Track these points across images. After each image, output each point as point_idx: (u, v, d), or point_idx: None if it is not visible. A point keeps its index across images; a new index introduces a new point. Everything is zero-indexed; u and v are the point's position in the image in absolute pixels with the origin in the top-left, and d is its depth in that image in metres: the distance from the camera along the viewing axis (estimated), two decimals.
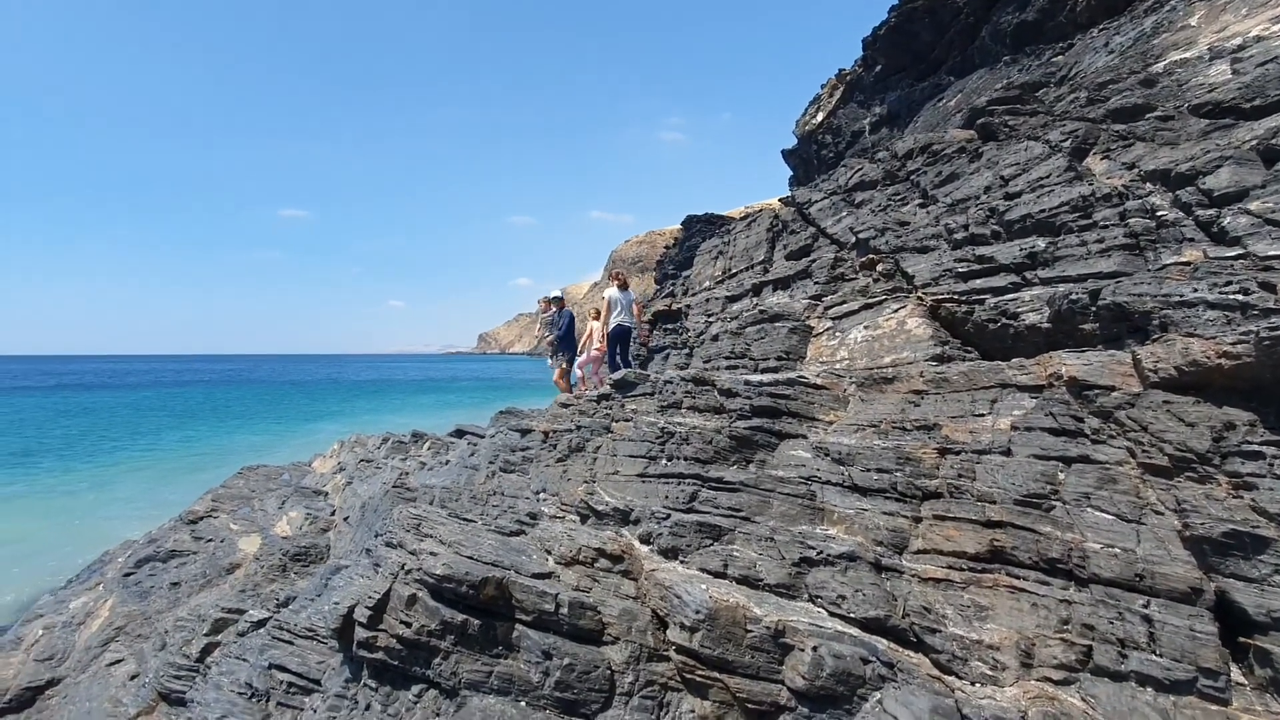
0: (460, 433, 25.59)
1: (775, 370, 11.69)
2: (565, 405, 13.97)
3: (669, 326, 21.07)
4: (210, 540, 17.28)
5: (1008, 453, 7.09)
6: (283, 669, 7.35)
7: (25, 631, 14.44)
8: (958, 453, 7.34)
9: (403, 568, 6.44)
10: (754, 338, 13.38)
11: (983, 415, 7.69)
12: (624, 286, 15.48)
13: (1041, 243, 10.36)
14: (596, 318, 15.84)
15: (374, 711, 5.98)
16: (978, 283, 10.52)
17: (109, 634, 13.68)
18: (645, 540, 7.88)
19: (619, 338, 15.27)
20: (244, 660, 7.96)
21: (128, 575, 15.75)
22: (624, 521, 8.31)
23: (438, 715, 5.96)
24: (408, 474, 19.70)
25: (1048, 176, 11.55)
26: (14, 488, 42.96)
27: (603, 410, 11.55)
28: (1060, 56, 18.10)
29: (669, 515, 7.77)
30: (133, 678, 11.85)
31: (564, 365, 16.39)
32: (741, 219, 23.08)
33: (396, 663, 6.16)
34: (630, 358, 15.90)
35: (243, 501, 20.74)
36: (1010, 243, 10.74)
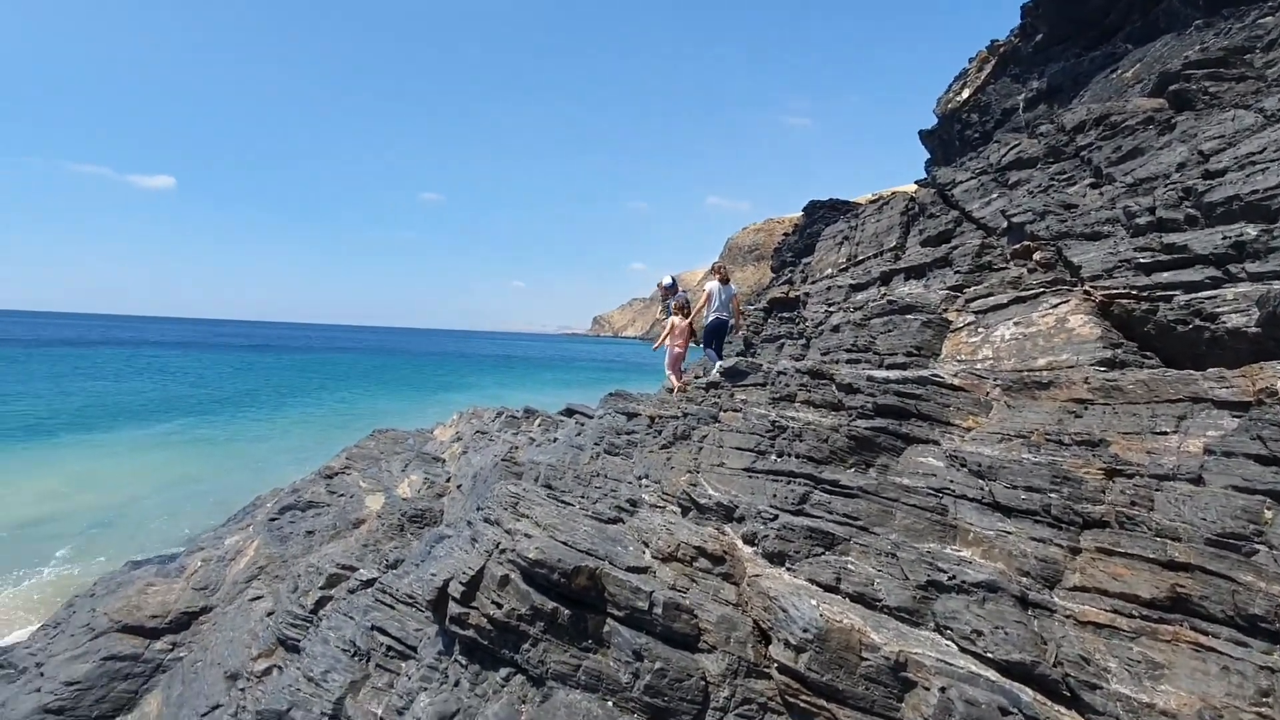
0: (570, 411, 26.04)
1: (904, 367, 10.60)
2: (672, 391, 13.61)
3: (784, 315, 20.07)
4: (342, 495, 18.70)
5: (1198, 481, 5.83)
6: (383, 632, 7.63)
7: (188, 562, 16.32)
8: (1131, 476, 6.15)
9: (497, 546, 6.37)
10: (880, 330, 12.27)
11: (1166, 433, 6.42)
12: (725, 281, 15.08)
13: (1252, 230, 8.54)
14: (682, 312, 15.38)
15: (463, 689, 5.97)
16: (1164, 276, 8.88)
17: (253, 572, 15.13)
18: (749, 541, 7.34)
19: (715, 331, 14.97)
20: (350, 618, 8.39)
21: (272, 520, 17.37)
22: (727, 518, 7.80)
23: (523, 702, 5.85)
24: (517, 448, 20.26)
25: (1261, 151, 9.52)
26: (200, 431, 49.39)
27: (711, 399, 11.05)
28: (1269, 18, 15.07)
29: (776, 516, 7.16)
30: (269, 614, 12.98)
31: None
32: (871, 203, 21.49)
33: (486, 643, 6.11)
34: (721, 354, 15.47)
35: (372, 461, 22.33)
36: (1210, 229, 8.96)
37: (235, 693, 10.20)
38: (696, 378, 14.41)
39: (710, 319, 14.85)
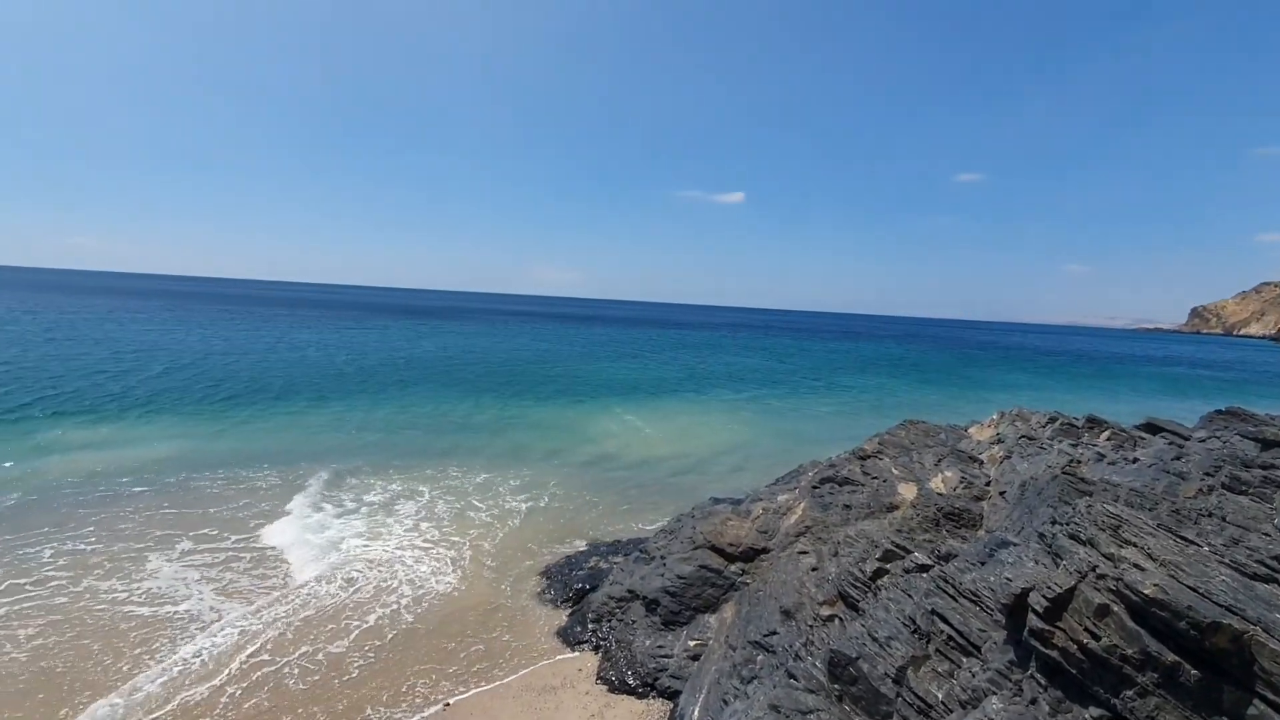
0: (1153, 428, 20.75)
1: None
2: None
3: None
4: (875, 478, 19.57)
5: None
6: (944, 620, 7.62)
7: (752, 508, 19.82)
8: None
9: (1093, 570, 5.50)
10: None
11: None
12: None
13: None
14: None
15: (1041, 709, 5.42)
16: None
17: (800, 529, 17.34)
18: None
19: None
20: (909, 596, 8.68)
21: (815, 488, 19.50)
22: None
23: None
24: (1080, 462, 17.25)
25: None
26: (767, 402, 59.74)
27: None
28: None
29: None
30: (813, 569, 14.68)
31: None
32: None
33: (1074, 670, 5.39)
34: None
35: (903, 450, 22.59)
36: None
37: (791, 625, 11.99)
38: None
39: None
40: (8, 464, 28.18)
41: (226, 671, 14.80)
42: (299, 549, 21.49)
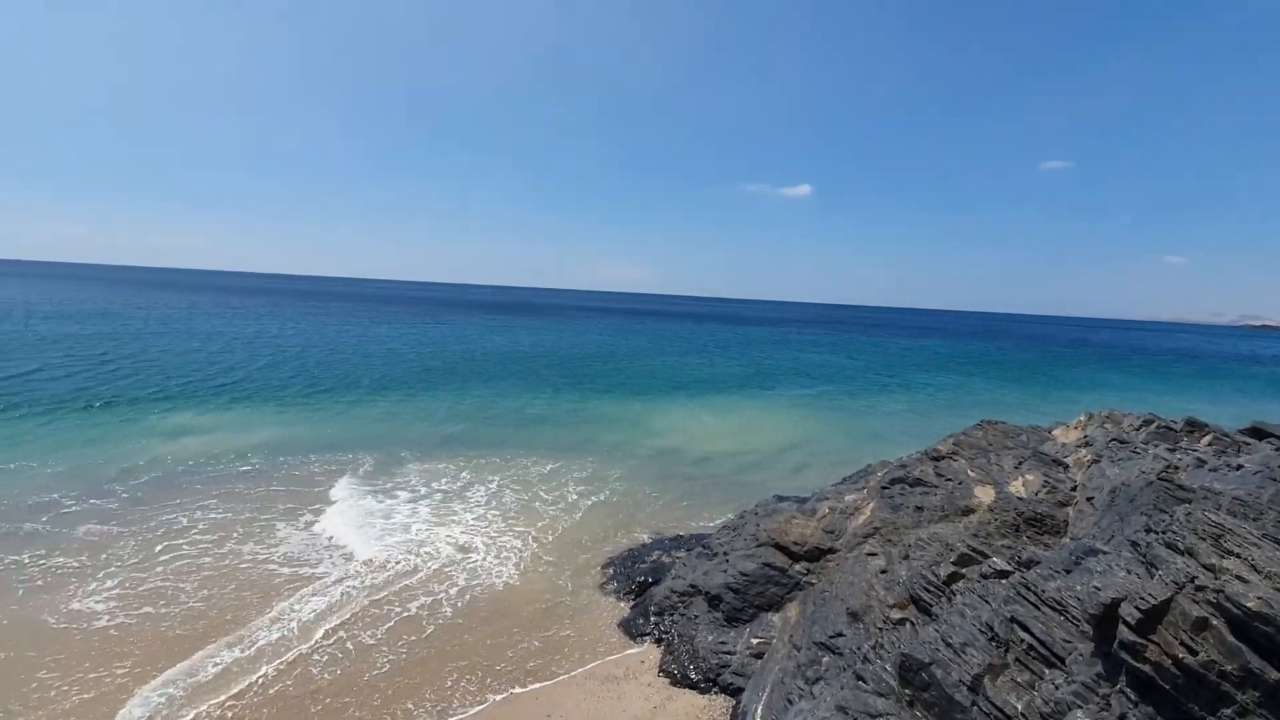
0: (1260, 433, 19.15)
1: None
2: None
3: None
4: (950, 480, 18.80)
5: None
6: (1025, 629, 7.26)
7: (818, 506, 19.45)
8: None
9: (1192, 581, 5.12)
10: None
11: None
12: None
13: None
14: None
15: None
16: None
17: (868, 530, 16.90)
18: None
19: None
20: (986, 602, 8.31)
21: (884, 489, 18.94)
22: None
23: None
24: (1177, 468, 16.07)
25: None
26: (835, 400, 58.39)
27: None
28: None
29: None
30: (882, 571, 14.30)
31: None
32: None
33: (1168, 686, 5.04)
34: None
35: (980, 452, 21.60)
36: None
37: (858, 627, 11.73)
38: None
39: None
40: (143, 443, 31.56)
41: (315, 636, 15.83)
42: (376, 530, 22.63)
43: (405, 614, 17.50)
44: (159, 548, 20.52)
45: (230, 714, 13.33)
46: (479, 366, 68.10)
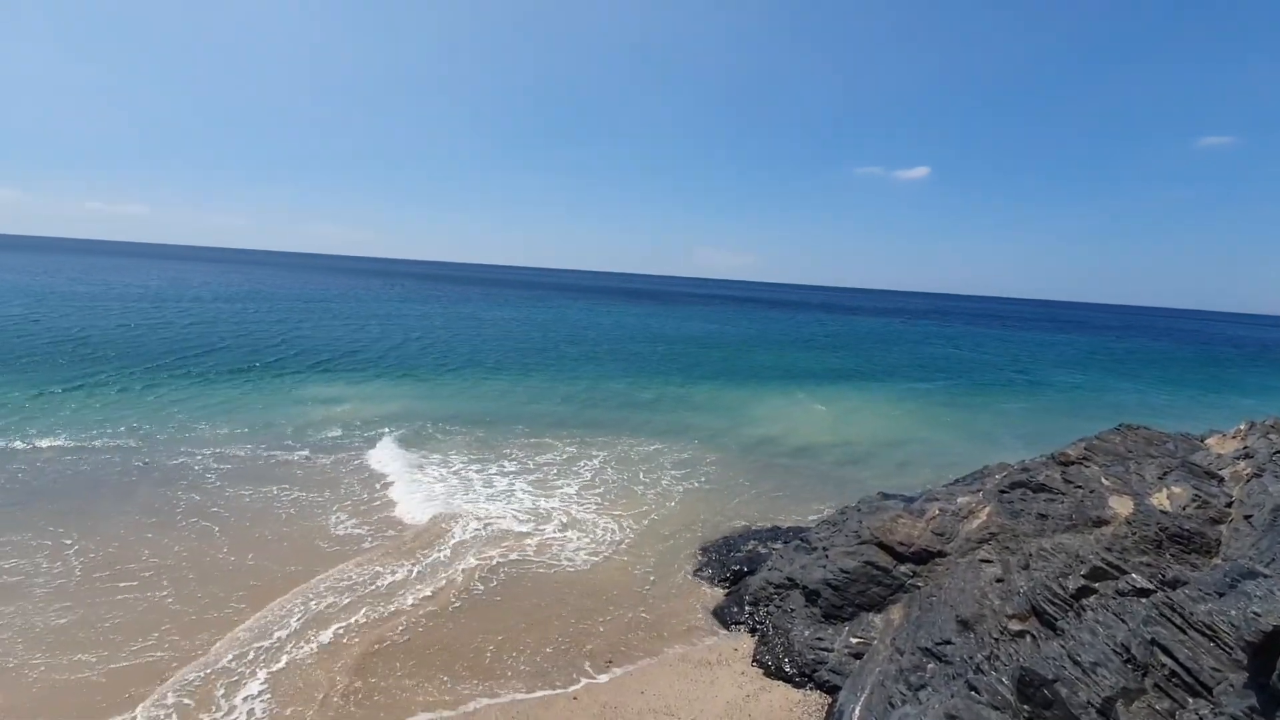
0: None
1: None
2: None
3: None
4: (1079, 487, 17.28)
5: None
6: (1167, 652, 6.57)
7: (926, 507, 18.50)
8: None
9: None
10: None
11: None
12: None
13: None
14: None
15: None
16: None
17: (983, 535, 15.90)
18: None
19: None
20: (1123, 621, 7.60)
21: (1003, 493, 17.71)
22: None
23: None
24: None
25: None
26: (948, 395, 55.26)
27: None
28: None
29: None
30: (998, 580, 13.44)
31: None
32: None
33: None
34: None
35: (1117, 459, 19.66)
36: None
37: (968, 636, 11.11)
38: None
39: None
40: (305, 408, 36.16)
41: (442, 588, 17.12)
42: (480, 498, 23.97)
43: (505, 579, 18.47)
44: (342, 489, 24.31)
45: (377, 629, 14.93)
46: (593, 349, 71.31)
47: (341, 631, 15.49)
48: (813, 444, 35.93)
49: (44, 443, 27.21)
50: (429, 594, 17.48)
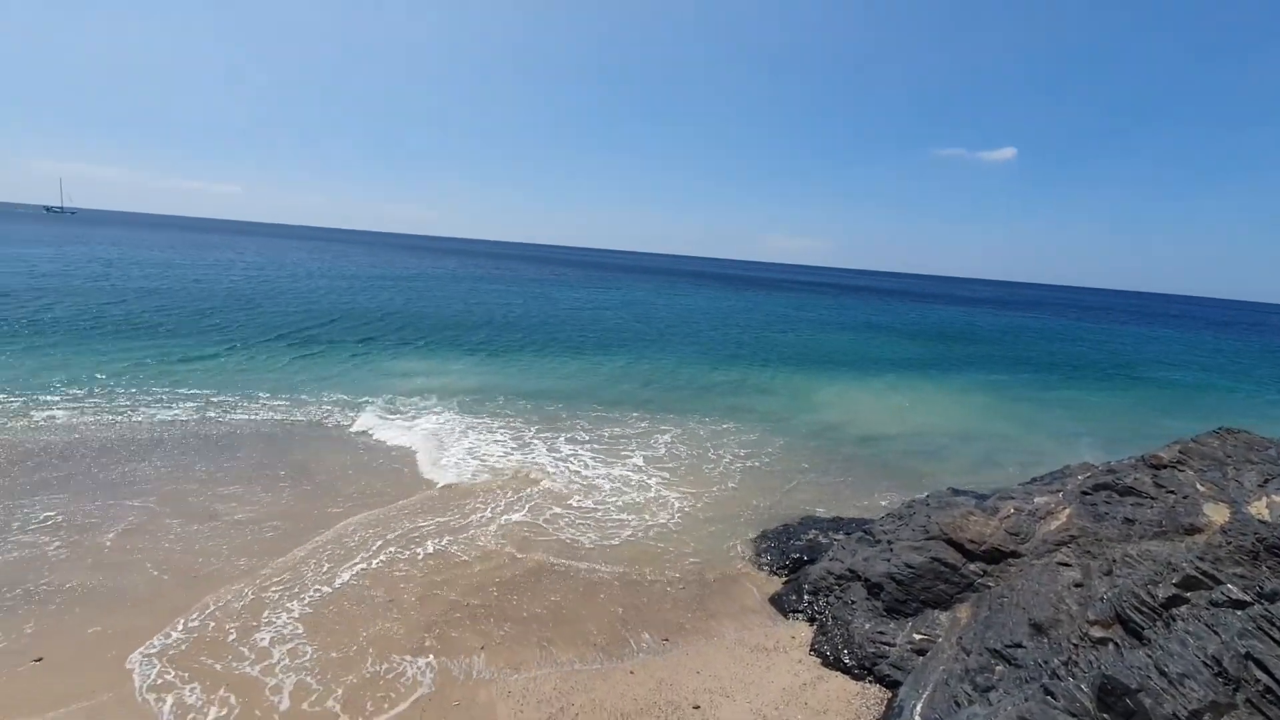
0: None
1: None
2: None
3: None
4: (1171, 492, 16.24)
5: None
6: (1261, 667, 6.19)
7: (1000, 505, 17.82)
8: None
9: None
10: None
11: None
12: None
13: None
14: None
15: None
16: None
17: (1062, 537, 15.21)
18: None
19: None
20: (1215, 633, 7.18)
21: (1085, 494, 16.85)
22: None
23: None
24: None
25: None
26: (1032, 390, 52.75)
27: None
28: None
29: None
30: (1077, 585, 12.87)
31: None
32: None
33: None
34: None
35: (1215, 464, 18.31)
36: None
37: (1041, 640, 10.73)
38: None
39: None
40: (384, 380, 38.39)
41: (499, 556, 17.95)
42: (548, 468, 24.69)
43: (563, 544, 19.25)
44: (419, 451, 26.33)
45: (428, 567, 15.71)
46: (661, 329, 72.51)
47: (400, 564, 17.37)
48: (881, 433, 35.03)
49: (202, 406, 30.02)
50: (491, 547, 18.73)
